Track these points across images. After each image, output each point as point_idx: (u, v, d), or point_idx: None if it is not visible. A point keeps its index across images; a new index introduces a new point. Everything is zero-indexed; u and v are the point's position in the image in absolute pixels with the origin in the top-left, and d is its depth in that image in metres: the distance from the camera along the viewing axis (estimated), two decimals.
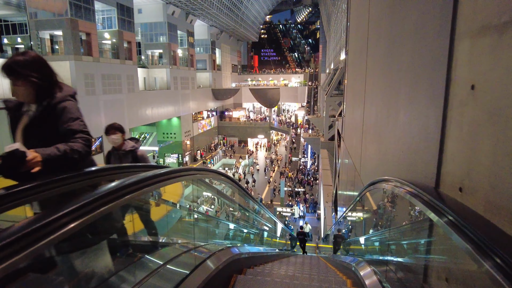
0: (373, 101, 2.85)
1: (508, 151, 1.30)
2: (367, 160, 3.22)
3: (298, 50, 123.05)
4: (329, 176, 17.19)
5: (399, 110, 2.12)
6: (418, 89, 1.85)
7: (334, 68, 36.01)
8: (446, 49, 1.70)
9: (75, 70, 25.16)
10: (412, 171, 2.04)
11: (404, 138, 2.04)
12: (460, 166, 1.62)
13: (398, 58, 2.20)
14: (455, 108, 1.66)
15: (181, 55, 46.75)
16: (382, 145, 2.51)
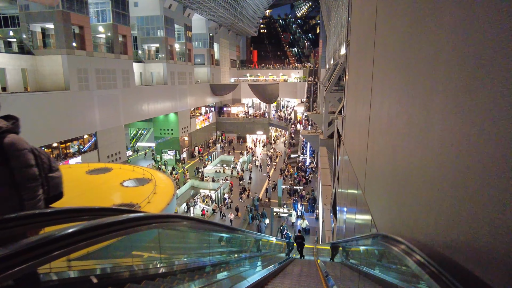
0: (385, 100, 2.21)
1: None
2: (374, 176, 2.62)
3: (298, 45, 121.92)
4: (328, 175, 16.60)
5: (431, 111, 1.46)
6: (474, 85, 1.19)
7: (334, 64, 35.27)
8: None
9: (68, 64, 24.43)
10: (457, 211, 1.35)
11: (441, 153, 1.39)
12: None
13: (428, 41, 1.54)
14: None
15: (178, 50, 45.92)
16: (400, 158, 1.86)
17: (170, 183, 14.34)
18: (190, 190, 33.37)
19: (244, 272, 6.39)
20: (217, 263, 5.71)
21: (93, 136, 27.96)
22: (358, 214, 3.41)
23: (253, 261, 7.94)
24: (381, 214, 2.46)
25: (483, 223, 1.10)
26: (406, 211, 1.88)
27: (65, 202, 9.95)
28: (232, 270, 6.01)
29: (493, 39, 1.06)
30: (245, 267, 6.92)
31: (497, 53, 1.04)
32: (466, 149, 1.22)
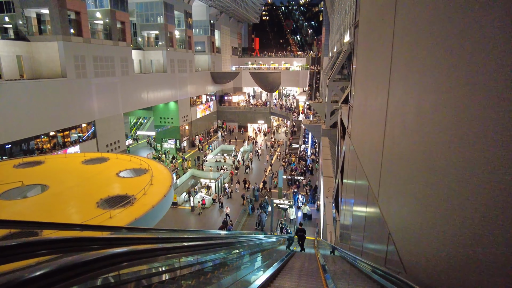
0: (412, 87, 1.75)
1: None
2: (391, 174, 2.16)
3: (301, 32, 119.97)
4: (330, 166, 16.15)
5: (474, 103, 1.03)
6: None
7: (338, 51, 34.49)
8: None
9: (64, 51, 23.82)
10: None
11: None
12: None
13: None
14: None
15: (178, 37, 45.01)
16: (433, 158, 1.42)
17: (168, 173, 13.96)
18: (191, 179, 33.10)
19: (245, 273, 6.14)
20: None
21: (92, 125, 27.53)
22: (363, 210, 2.99)
23: (253, 258, 7.64)
24: (395, 216, 2.04)
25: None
26: (431, 222, 1.46)
27: (58, 193, 9.52)
28: (232, 272, 5.65)
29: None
30: (246, 266, 6.64)
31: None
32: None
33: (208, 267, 4.15)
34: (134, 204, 10.67)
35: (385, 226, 2.20)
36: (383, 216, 2.26)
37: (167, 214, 25.70)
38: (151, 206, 10.54)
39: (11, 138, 20.26)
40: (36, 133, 22.10)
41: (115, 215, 9.87)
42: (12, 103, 20.01)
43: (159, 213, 11.25)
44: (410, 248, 1.80)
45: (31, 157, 16.23)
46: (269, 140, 48.96)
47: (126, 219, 9.65)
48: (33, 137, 22.21)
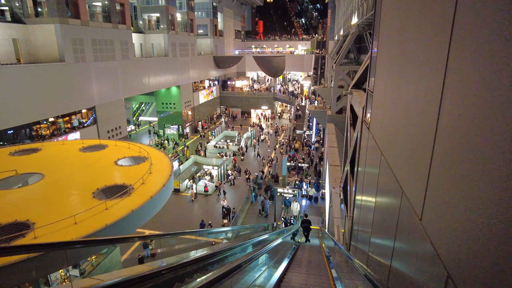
0: (479, 79, 1.11)
1: None
2: (445, 199, 1.57)
3: (306, 15, 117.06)
4: (336, 154, 15.52)
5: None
6: None
7: (344, 35, 33.34)
8: None
9: (61, 34, 23.04)
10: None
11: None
12: None
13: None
14: None
15: (180, 20, 43.80)
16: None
17: (168, 162, 13.43)
18: (193, 165, 32.72)
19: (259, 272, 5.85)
20: None
21: (92, 112, 26.98)
22: (391, 219, 2.41)
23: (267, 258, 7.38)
24: (453, 247, 1.46)
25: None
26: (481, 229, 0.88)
27: (53, 182, 8.92)
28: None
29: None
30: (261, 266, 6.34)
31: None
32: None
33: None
34: (131, 195, 10.19)
35: (437, 262, 1.61)
36: (433, 245, 1.67)
37: (169, 201, 25.47)
38: (149, 196, 10.06)
39: (8, 124, 19.79)
40: (34, 119, 21.60)
41: (111, 206, 9.40)
42: (9, 88, 19.44)
43: (158, 204, 10.79)
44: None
45: (27, 144, 15.76)
46: (273, 126, 48.28)
47: (123, 211, 9.18)
48: (32, 123, 21.74)
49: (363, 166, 4.55)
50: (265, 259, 6.68)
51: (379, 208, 3.18)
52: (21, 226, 8.51)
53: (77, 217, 8.60)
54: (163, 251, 13.15)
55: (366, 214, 3.89)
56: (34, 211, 9.26)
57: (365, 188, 4.15)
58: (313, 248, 13.52)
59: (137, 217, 9.58)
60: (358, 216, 4.60)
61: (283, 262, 8.87)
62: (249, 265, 4.28)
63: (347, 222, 7.92)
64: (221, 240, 15.09)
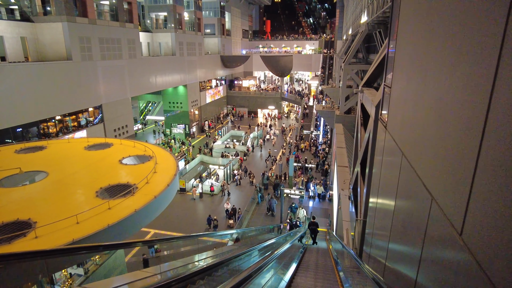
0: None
1: None
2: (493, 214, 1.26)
3: (314, 15, 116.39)
4: (345, 155, 15.14)
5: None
6: None
7: (353, 34, 32.89)
8: None
9: (69, 32, 23.03)
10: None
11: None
12: None
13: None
14: None
15: (187, 19, 43.72)
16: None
17: (173, 161, 13.20)
18: (200, 165, 32.55)
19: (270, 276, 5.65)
20: None
21: (100, 111, 26.96)
22: (418, 229, 2.10)
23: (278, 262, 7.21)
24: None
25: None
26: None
27: (57, 181, 8.72)
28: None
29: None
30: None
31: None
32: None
33: None
34: (135, 194, 9.98)
35: (488, 285, 1.30)
36: (480, 266, 1.36)
37: (175, 200, 25.31)
38: (153, 196, 9.83)
39: (16, 122, 19.81)
40: (41, 117, 21.61)
41: (114, 206, 9.19)
42: (17, 86, 19.46)
43: (162, 204, 10.56)
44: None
45: (33, 142, 15.69)
46: (280, 126, 47.93)
47: (126, 211, 8.97)
48: (39, 122, 21.76)
49: (378, 168, 4.23)
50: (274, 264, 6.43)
51: (399, 214, 2.87)
52: (22, 225, 8.35)
53: (79, 217, 8.41)
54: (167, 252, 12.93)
55: (383, 219, 3.58)
56: (37, 209, 9.11)
57: (381, 191, 3.84)
58: (320, 250, 13.20)
59: (141, 217, 9.36)
60: (372, 220, 4.28)
61: (291, 266, 8.59)
62: (260, 273, 4.03)
63: (357, 226, 7.58)
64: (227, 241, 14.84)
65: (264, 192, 25.48)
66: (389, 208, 3.29)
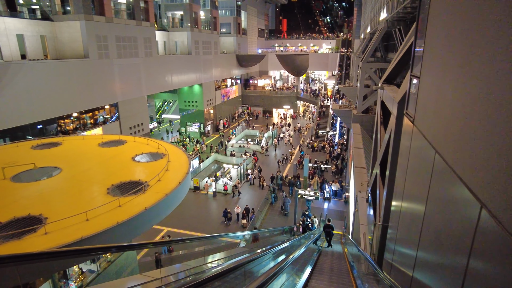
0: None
1: None
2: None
3: (331, 14, 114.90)
4: (362, 156, 14.61)
5: None
6: None
7: (371, 32, 32.05)
8: None
9: (86, 31, 23.29)
10: None
11: None
12: None
13: None
14: None
15: (203, 18, 43.76)
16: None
17: (185, 159, 13.02)
18: (214, 164, 32.47)
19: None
20: None
21: (115, 108, 27.21)
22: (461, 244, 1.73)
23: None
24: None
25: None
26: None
27: (69, 177, 8.58)
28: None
29: None
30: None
31: None
32: None
33: None
34: (146, 192, 9.81)
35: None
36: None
37: (188, 199, 25.27)
38: (164, 194, 9.63)
39: (34, 118, 20.15)
40: (58, 114, 21.93)
41: (125, 203, 9.05)
42: (35, 84, 19.78)
43: (173, 202, 10.35)
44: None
45: (49, 138, 15.85)
46: (295, 125, 47.38)
47: (136, 209, 8.80)
48: (56, 118, 22.09)
49: (402, 168, 3.82)
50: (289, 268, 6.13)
51: (431, 221, 2.48)
52: (34, 220, 8.31)
53: (89, 214, 8.30)
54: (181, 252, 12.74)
55: (409, 225, 3.18)
56: (48, 205, 9.06)
57: (406, 193, 3.44)
58: (335, 254, 12.76)
59: (151, 216, 9.18)
60: (395, 226, 3.88)
61: (306, 269, 8.23)
62: (275, 278, 3.74)
63: (375, 231, 7.14)
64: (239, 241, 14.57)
65: (278, 192, 25.10)
66: (417, 213, 2.90)
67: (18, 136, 19.48)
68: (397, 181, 4.10)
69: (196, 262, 8.32)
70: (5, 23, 20.92)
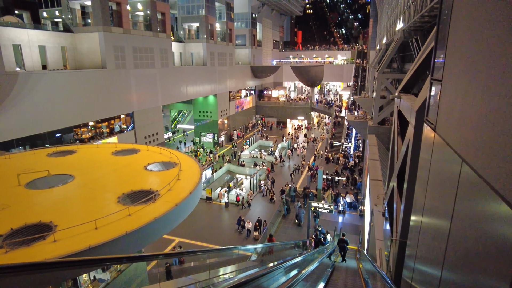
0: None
1: None
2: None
3: (346, 25, 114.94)
4: (378, 168, 14.15)
5: None
6: None
7: (387, 43, 31.68)
8: None
9: (104, 41, 23.88)
10: None
11: None
12: None
13: None
14: None
15: (219, 30, 44.40)
16: None
17: (197, 169, 12.92)
18: (227, 174, 32.33)
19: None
20: None
21: (131, 118, 27.61)
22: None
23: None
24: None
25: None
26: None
27: (82, 185, 8.57)
28: None
29: None
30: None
31: None
32: None
33: None
34: (156, 201, 9.70)
35: None
36: None
37: (201, 209, 25.12)
38: (174, 204, 9.50)
39: (52, 127, 20.60)
40: (75, 122, 22.39)
41: (134, 212, 8.95)
42: (54, 93, 20.30)
43: (184, 212, 10.20)
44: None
45: (64, 146, 16.11)
46: (309, 137, 46.92)
47: (145, 218, 8.68)
48: (73, 127, 22.54)
49: (423, 180, 3.54)
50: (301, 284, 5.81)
51: (459, 238, 2.21)
52: (44, 227, 8.29)
53: (99, 222, 8.22)
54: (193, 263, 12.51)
55: (431, 242, 2.89)
56: (59, 212, 9.06)
57: (427, 208, 3.16)
58: (349, 269, 12.25)
59: (161, 225, 9.04)
60: (415, 242, 3.57)
61: (319, 285, 7.85)
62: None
63: (392, 247, 6.75)
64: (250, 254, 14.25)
65: (291, 204, 24.64)
66: (440, 229, 2.62)
67: (37, 144, 19.94)
68: (417, 194, 3.81)
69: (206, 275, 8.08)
70: (29, 35, 21.68)
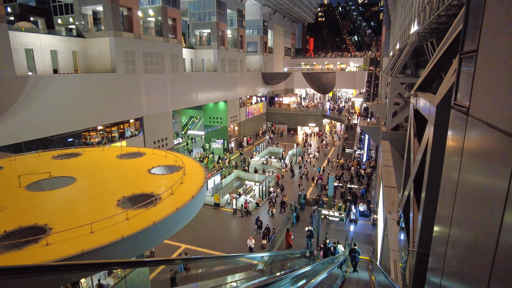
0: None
1: None
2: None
3: (358, 33, 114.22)
4: (393, 175, 13.43)
5: None
6: None
7: (401, 48, 30.98)
8: None
9: (115, 46, 23.95)
10: None
11: None
12: None
13: None
14: None
15: (230, 36, 44.41)
16: None
17: (202, 173, 12.46)
18: (236, 180, 31.84)
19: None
20: None
21: (141, 123, 27.52)
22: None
23: None
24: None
25: None
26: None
27: (82, 188, 8.06)
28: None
29: None
30: None
31: None
32: None
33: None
34: (156, 205, 9.26)
35: None
36: None
37: (209, 216, 24.62)
38: (175, 208, 9.03)
39: (62, 130, 20.58)
40: (84, 126, 22.35)
41: (133, 216, 8.51)
42: (64, 96, 20.31)
43: (186, 217, 9.71)
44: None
45: (70, 149, 15.93)
46: (320, 144, 46.13)
47: (144, 222, 8.23)
48: (82, 131, 22.50)
49: (450, 181, 2.96)
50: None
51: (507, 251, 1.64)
52: (38, 230, 7.93)
53: (95, 226, 7.81)
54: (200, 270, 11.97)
55: (467, 257, 2.32)
56: (56, 215, 8.70)
57: (458, 215, 2.58)
58: (361, 281, 11.52)
59: (160, 230, 8.56)
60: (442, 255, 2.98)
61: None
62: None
63: (409, 258, 6.09)
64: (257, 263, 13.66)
65: (300, 212, 23.92)
66: (481, 242, 2.05)
67: (48, 148, 19.90)
68: (443, 198, 3.23)
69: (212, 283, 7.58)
70: (41, 39, 21.89)
